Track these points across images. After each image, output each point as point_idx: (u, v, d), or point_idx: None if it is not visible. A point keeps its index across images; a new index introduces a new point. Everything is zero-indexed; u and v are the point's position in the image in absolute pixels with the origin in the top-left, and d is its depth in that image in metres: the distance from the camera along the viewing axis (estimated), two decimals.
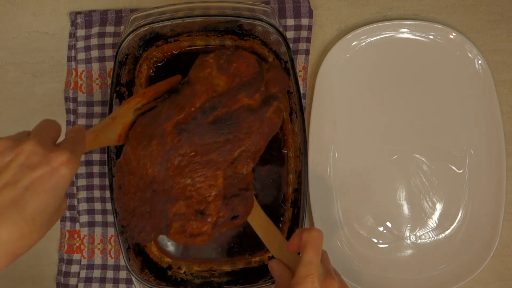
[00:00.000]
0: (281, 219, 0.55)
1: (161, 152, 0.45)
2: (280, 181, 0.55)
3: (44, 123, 0.39)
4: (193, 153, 0.46)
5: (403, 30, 0.57)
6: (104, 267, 0.59)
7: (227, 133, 0.46)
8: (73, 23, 0.60)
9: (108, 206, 0.59)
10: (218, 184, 0.46)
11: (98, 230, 0.59)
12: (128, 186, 0.47)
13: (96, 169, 0.59)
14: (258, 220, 0.50)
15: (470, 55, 0.57)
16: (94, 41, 0.59)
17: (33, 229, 0.34)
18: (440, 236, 0.58)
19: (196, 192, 0.46)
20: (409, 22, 0.57)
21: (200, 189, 0.46)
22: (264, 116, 0.47)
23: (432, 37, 0.57)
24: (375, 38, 0.58)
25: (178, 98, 0.47)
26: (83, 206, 0.59)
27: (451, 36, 0.57)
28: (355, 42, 0.57)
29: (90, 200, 0.59)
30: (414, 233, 0.58)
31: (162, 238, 0.56)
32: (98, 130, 0.45)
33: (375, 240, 0.58)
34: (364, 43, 0.58)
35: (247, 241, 0.55)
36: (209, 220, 0.46)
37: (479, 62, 0.57)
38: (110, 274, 0.59)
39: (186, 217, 0.46)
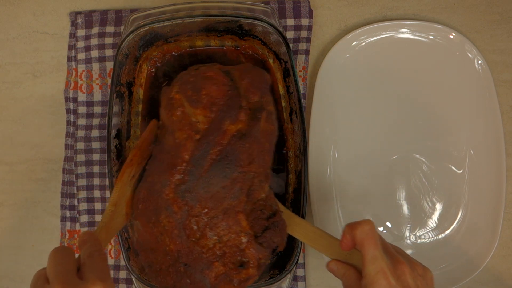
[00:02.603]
0: None
1: (174, 223, 0.42)
2: (280, 181, 0.55)
3: (55, 257, 0.36)
4: (206, 210, 0.42)
5: (403, 30, 0.57)
6: None
7: (230, 173, 0.42)
8: (73, 23, 0.60)
9: None
10: (244, 229, 0.43)
11: None
12: (157, 264, 0.44)
13: (96, 169, 0.59)
14: (300, 231, 0.46)
15: (470, 55, 0.57)
16: (94, 41, 0.59)
17: None
18: (440, 236, 0.58)
19: (227, 247, 0.42)
20: (409, 22, 0.57)
21: (229, 242, 0.42)
22: (258, 134, 0.43)
23: (432, 37, 0.57)
24: (375, 38, 0.58)
25: (164, 157, 0.43)
26: (83, 206, 0.59)
27: (451, 36, 0.57)
28: (355, 42, 0.57)
29: (90, 200, 0.59)
30: (414, 233, 0.58)
31: None
32: (106, 223, 0.43)
33: None
34: (364, 43, 0.58)
35: None
36: (251, 266, 0.43)
37: (479, 62, 0.56)
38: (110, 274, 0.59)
39: (228, 275, 0.43)
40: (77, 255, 0.38)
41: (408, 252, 0.58)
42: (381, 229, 0.58)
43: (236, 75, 0.44)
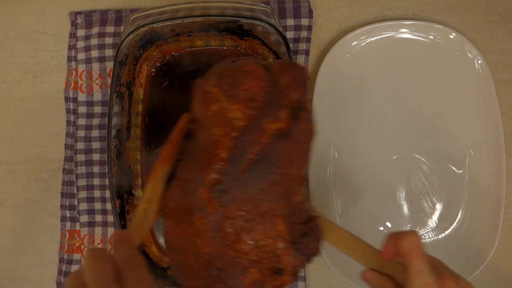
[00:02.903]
0: None
1: (208, 225, 0.39)
2: None
3: (93, 262, 0.34)
4: (242, 212, 0.39)
5: (403, 30, 0.57)
6: None
7: (269, 174, 0.39)
8: (73, 23, 0.60)
9: (108, 206, 0.59)
10: (282, 233, 0.40)
11: (98, 230, 0.59)
12: (187, 266, 0.42)
13: (96, 169, 0.59)
14: (335, 237, 0.43)
15: (470, 55, 0.57)
16: (94, 41, 0.59)
17: None
18: (440, 236, 0.58)
19: (263, 252, 0.40)
20: (409, 22, 0.57)
21: (265, 247, 0.40)
22: (299, 134, 0.40)
23: (432, 37, 0.57)
24: (375, 38, 0.58)
25: (199, 154, 0.40)
26: (83, 206, 0.59)
27: (451, 36, 0.57)
28: (355, 42, 0.57)
29: (90, 200, 0.59)
30: None
31: (162, 238, 0.55)
32: (140, 221, 0.41)
33: (375, 240, 0.58)
34: (364, 43, 0.58)
35: None
36: (286, 274, 0.41)
37: (479, 62, 0.56)
38: None
39: (264, 281, 0.41)
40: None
41: None
42: (381, 229, 0.58)
43: (276, 70, 0.41)
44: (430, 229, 0.58)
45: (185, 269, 0.42)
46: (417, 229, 0.58)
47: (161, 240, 0.56)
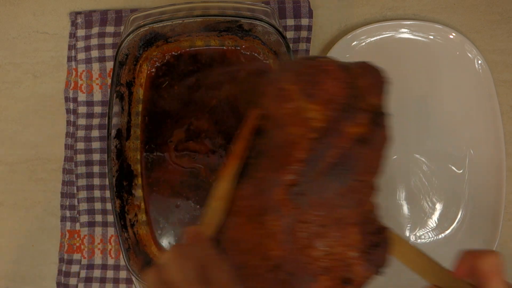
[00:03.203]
0: None
1: (281, 227, 0.38)
2: None
3: (179, 258, 0.33)
4: (317, 217, 0.38)
5: (403, 30, 0.57)
6: (104, 267, 0.59)
7: (347, 180, 0.38)
8: (73, 23, 0.60)
9: (108, 206, 0.59)
10: (355, 242, 0.38)
11: (98, 230, 0.59)
12: (252, 267, 0.40)
13: (96, 169, 0.59)
14: (401, 251, 0.41)
15: (470, 55, 0.57)
16: (94, 41, 0.59)
17: None
18: (440, 236, 0.58)
19: (335, 260, 0.38)
20: (409, 22, 0.57)
21: (337, 255, 0.38)
22: (378, 141, 0.39)
23: (432, 37, 0.57)
24: (375, 38, 0.58)
25: (274, 152, 0.39)
26: (83, 206, 0.59)
27: (451, 36, 0.57)
28: (355, 42, 0.57)
29: (90, 200, 0.59)
30: (414, 233, 0.58)
31: (162, 238, 0.56)
32: (212, 219, 0.41)
33: None
34: (364, 43, 0.58)
35: None
36: (356, 284, 0.39)
37: (479, 62, 0.56)
38: (110, 274, 0.59)
39: None
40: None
41: None
42: None
43: (356, 72, 0.39)
44: (430, 229, 0.58)
45: (248, 270, 0.39)
46: (417, 229, 0.58)
47: (162, 241, 0.56)
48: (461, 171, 0.58)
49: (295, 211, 0.37)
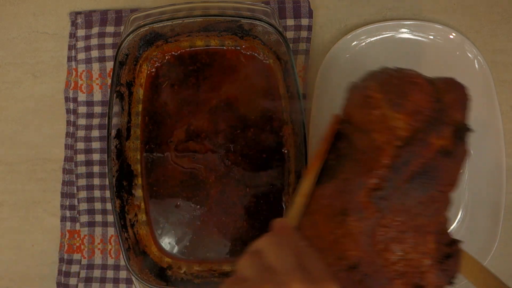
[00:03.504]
0: None
1: (362, 229, 0.39)
2: (281, 181, 0.55)
3: (279, 245, 0.33)
4: (397, 223, 0.39)
5: (403, 30, 0.57)
6: (104, 267, 0.59)
7: (429, 189, 0.39)
8: (73, 23, 0.60)
9: (108, 206, 0.59)
10: (430, 251, 0.40)
11: (98, 230, 0.59)
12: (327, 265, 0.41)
13: (96, 169, 0.59)
14: (467, 266, 0.43)
15: (470, 55, 0.57)
16: (94, 41, 0.59)
17: None
18: None
19: (410, 266, 0.40)
20: (409, 22, 0.57)
21: (412, 260, 0.40)
22: (461, 155, 0.40)
23: (432, 37, 0.57)
24: (375, 38, 0.58)
25: (358, 156, 0.40)
26: (83, 206, 0.59)
27: (451, 36, 0.57)
28: (355, 42, 0.57)
29: (90, 200, 0.59)
30: None
31: (162, 237, 0.56)
32: (297, 213, 0.42)
33: None
34: (364, 43, 0.58)
35: (247, 240, 0.55)
36: None
37: (479, 62, 0.56)
38: (110, 274, 0.59)
39: None
40: None
41: None
42: None
43: (441, 87, 0.41)
44: None
45: None
46: None
47: (162, 241, 0.56)
48: (461, 171, 0.57)
49: (377, 215, 0.39)
